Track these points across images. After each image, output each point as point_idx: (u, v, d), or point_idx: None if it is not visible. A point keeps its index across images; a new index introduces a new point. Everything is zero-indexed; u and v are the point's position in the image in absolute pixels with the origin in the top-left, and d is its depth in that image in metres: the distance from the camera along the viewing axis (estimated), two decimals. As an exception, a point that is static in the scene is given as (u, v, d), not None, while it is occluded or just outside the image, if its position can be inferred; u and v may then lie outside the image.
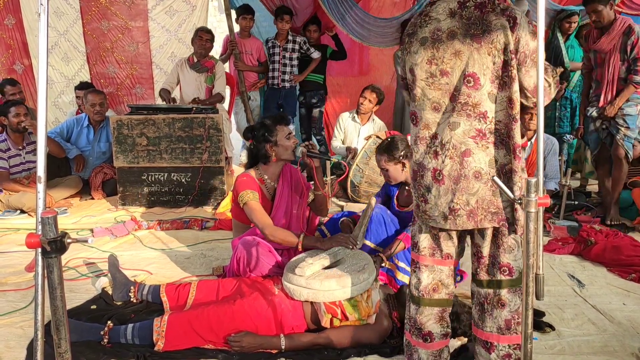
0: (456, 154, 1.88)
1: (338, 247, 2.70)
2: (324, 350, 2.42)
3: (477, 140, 1.86)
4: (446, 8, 1.88)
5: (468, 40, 1.82)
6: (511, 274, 1.95)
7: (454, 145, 1.88)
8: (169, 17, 6.06)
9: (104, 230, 4.05)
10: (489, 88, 1.83)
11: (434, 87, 1.90)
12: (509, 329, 1.96)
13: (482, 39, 1.80)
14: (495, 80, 1.83)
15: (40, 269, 1.37)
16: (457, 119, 1.87)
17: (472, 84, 1.84)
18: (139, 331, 2.44)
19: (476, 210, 1.89)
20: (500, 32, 1.78)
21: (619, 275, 3.31)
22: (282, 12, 5.74)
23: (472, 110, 1.85)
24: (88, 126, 5.29)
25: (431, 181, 1.93)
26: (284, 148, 3.02)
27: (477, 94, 1.84)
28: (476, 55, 1.81)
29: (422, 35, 1.91)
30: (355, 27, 5.88)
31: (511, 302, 1.96)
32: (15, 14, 6.06)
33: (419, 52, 1.91)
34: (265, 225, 2.83)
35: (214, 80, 5.44)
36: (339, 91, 6.67)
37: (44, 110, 1.39)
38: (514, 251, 1.94)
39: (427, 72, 1.90)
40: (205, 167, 4.70)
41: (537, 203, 1.50)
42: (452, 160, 1.89)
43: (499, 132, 1.86)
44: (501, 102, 1.85)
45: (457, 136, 1.87)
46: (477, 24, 1.82)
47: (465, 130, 1.86)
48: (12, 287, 3.14)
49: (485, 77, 1.82)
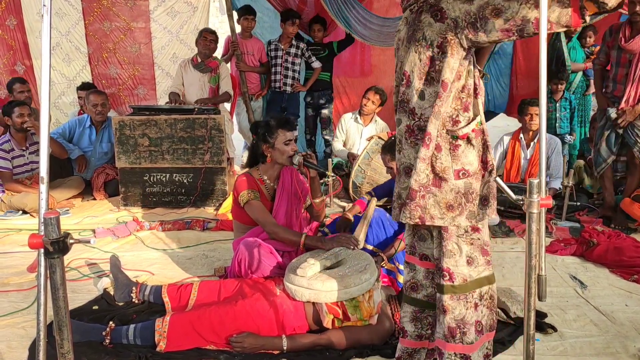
0: (399, 149, 1.98)
1: (339, 248, 2.70)
2: (326, 351, 2.41)
3: (407, 137, 1.93)
4: (404, 18, 1.97)
5: (405, 42, 1.92)
6: (452, 280, 1.90)
7: (399, 140, 1.98)
8: (171, 18, 6.07)
9: (106, 231, 4.05)
10: (417, 85, 1.87)
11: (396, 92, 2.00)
12: (454, 337, 1.92)
13: (412, 38, 1.87)
14: (422, 77, 1.86)
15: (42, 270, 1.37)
16: (399, 116, 1.97)
17: (404, 81, 1.92)
18: (141, 332, 2.44)
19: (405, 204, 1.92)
20: (426, 29, 1.82)
21: (621, 277, 3.30)
22: (293, 16, 5.72)
23: (406, 106, 1.93)
24: (90, 127, 5.29)
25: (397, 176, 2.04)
26: (280, 152, 3.01)
27: (408, 91, 1.90)
28: (409, 55, 1.88)
29: (394, 46, 2.02)
30: (357, 26, 5.87)
31: (454, 310, 1.90)
32: (17, 15, 6.07)
33: (395, 62, 2.01)
34: (268, 223, 2.84)
35: (218, 80, 5.45)
36: (341, 92, 6.67)
37: (46, 111, 1.39)
38: (455, 256, 1.90)
39: (395, 79, 2.00)
40: (207, 167, 4.70)
41: (539, 204, 1.50)
42: (399, 154, 1.99)
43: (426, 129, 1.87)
44: (429, 99, 1.86)
45: (400, 132, 1.97)
46: (411, 25, 1.89)
47: (403, 126, 1.95)
48: (14, 287, 3.15)
49: (413, 74, 1.88)
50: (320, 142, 6.50)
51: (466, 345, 1.91)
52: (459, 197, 1.87)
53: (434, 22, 1.80)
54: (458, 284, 1.90)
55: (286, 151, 3.01)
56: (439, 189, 1.86)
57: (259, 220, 2.87)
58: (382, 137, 4.77)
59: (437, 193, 1.86)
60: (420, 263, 2.06)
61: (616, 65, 4.22)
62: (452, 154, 1.87)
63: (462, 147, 1.87)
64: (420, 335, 2.08)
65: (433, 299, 2.05)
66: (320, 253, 2.68)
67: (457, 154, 1.87)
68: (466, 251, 1.90)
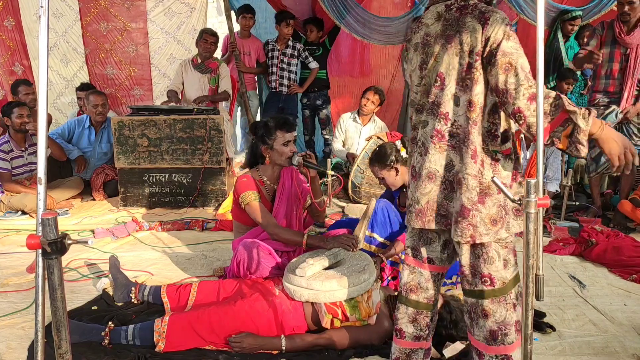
0: (423, 152, 1.92)
1: (339, 248, 2.71)
2: (325, 351, 2.42)
3: (435, 141, 1.88)
4: (434, 12, 1.90)
5: (442, 41, 1.84)
6: (493, 284, 1.90)
7: (423, 142, 1.92)
8: (168, 19, 6.07)
9: (105, 231, 4.05)
10: (452, 89, 1.83)
11: (421, 90, 1.94)
12: (495, 340, 1.92)
13: (453, 40, 1.81)
14: (459, 82, 1.82)
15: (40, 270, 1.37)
16: (427, 118, 1.91)
17: (438, 83, 1.86)
18: (140, 332, 2.44)
19: (425, 210, 1.91)
20: (470, 34, 1.78)
21: (620, 276, 3.31)
22: (288, 17, 5.75)
23: (436, 110, 1.87)
24: (89, 127, 5.30)
25: (410, 179, 2.00)
26: (278, 153, 3.01)
27: (441, 94, 1.85)
28: (445, 56, 1.83)
29: (415, 41, 1.95)
30: (356, 26, 5.88)
31: (496, 313, 1.90)
32: (15, 16, 6.07)
33: (413, 59, 1.95)
34: (270, 224, 2.84)
35: (218, 80, 5.45)
36: (340, 92, 6.68)
37: (44, 111, 1.39)
38: (495, 262, 1.88)
39: (419, 77, 1.93)
40: (206, 168, 4.70)
41: (536, 204, 1.50)
42: (420, 157, 1.93)
43: (458, 137, 1.85)
44: (463, 106, 1.83)
45: (425, 134, 1.91)
46: (453, 25, 1.83)
47: (429, 129, 1.89)
48: (13, 288, 3.15)
49: (450, 77, 1.83)
50: (319, 142, 6.51)
51: (507, 345, 1.92)
52: (500, 211, 1.85)
53: (480, 29, 1.76)
54: (498, 287, 1.90)
55: (285, 152, 3.01)
56: (484, 205, 1.84)
57: (260, 221, 2.87)
58: (381, 137, 4.77)
59: (482, 209, 1.83)
60: (428, 267, 2.04)
61: (609, 61, 4.27)
62: (492, 168, 1.85)
63: (501, 161, 1.86)
64: (418, 336, 2.08)
65: (433, 301, 2.06)
66: (320, 253, 2.69)
67: (498, 168, 1.86)
68: (502, 255, 1.90)
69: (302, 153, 3.06)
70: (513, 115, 1.73)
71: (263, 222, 2.86)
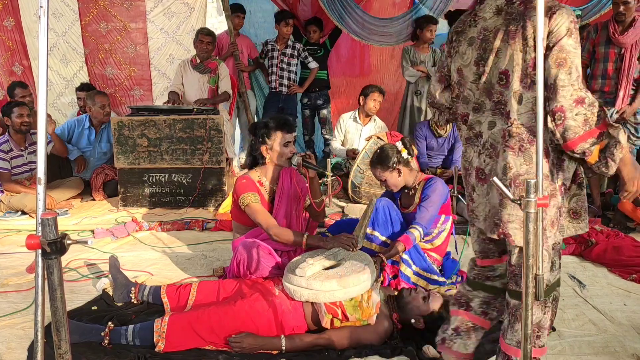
0: (494, 154, 1.84)
1: (338, 248, 2.71)
2: (325, 351, 2.42)
3: (502, 142, 1.82)
4: (493, 6, 1.83)
5: (505, 36, 1.76)
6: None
7: (492, 144, 1.84)
8: (167, 19, 6.06)
9: (105, 232, 4.05)
10: (516, 87, 1.76)
11: (480, 87, 1.86)
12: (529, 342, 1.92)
13: (517, 35, 1.73)
14: (523, 79, 1.74)
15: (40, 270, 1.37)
16: (494, 118, 1.84)
17: (503, 81, 1.79)
18: (140, 332, 2.44)
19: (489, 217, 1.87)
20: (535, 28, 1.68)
21: (620, 276, 3.31)
22: (287, 17, 5.75)
23: (503, 109, 1.80)
24: (89, 127, 5.30)
25: (475, 181, 1.93)
26: (278, 154, 3.01)
27: (507, 93, 1.78)
28: (509, 52, 1.75)
29: (471, 35, 1.88)
30: (356, 27, 5.89)
31: (534, 315, 1.86)
32: (15, 16, 6.06)
33: (467, 53, 1.88)
34: (270, 225, 2.84)
35: (217, 81, 5.46)
36: (340, 92, 6.68)
37: (44, 112, 1.39)
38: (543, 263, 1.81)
39: (475, 73, 1.87)
40: (206, 168, 4.70)
41: (536, 204, 1.50)
42: (491, 160, 1.85)
43: (519, 137, 1.77)
44: (526, 104, 1.75)
45: (494, 135, 1.84)
46: (517, 19, 1.75)
47: (499, 129, 1.82)
48: (13, 288, 3.15)
49: (514, 74, 1.75)
50: (319, 142, 6.51)
51: (538, 348, 1.90)
52: (557, 213, 1.81)
53: (546, 23, 1.69)
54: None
55: (285, 153, 3.01)
56: (548, 207, 1.79)
57: (260, 223, 2.87)
58: (381, 137, 4.77)
59: (547, 211, 1.79)
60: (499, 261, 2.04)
61: (604, 61, 4.29)
62: (559, 169, 1.81)
63: (566, 162, 1.81)
64: (485, 312, 2.07)
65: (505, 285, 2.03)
66: (320, 253, 2.68)
67: (563, 168, 1.81)
68: (551, 257, 1.87)
69: (302, 153, 3.06)
70: (553, 113, 1.67)
71: (263, 223, 2.85)
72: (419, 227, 2.91)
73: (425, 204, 2.98)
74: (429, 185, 3.05)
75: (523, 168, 1.77)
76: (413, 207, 3.09)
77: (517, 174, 1.77)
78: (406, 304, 2.55)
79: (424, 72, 5.76)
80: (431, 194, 2.99)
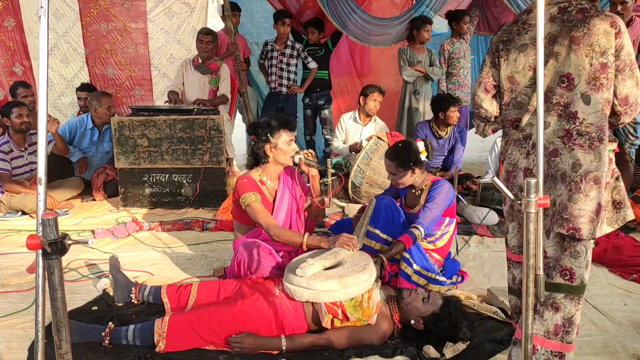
0: (545, 154, 1.92)
1: (339, 248, 2.70)
2: (325, 351, 2.42)
3: (565, 141, 1.91)
4: (546, 14, 1.93)
5: (567, 42, 1.88)
6: (572, 280, 1.93)
7: (544, 145, 1.89)
8: (168, 19, 6.06)
9: (105, 232, 4.05)
10: (583, 89, 1.87)
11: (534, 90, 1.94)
12: (557, 334, 1.95)
13: (582, 41, 1.86)
14: (591, 82, 1.86)
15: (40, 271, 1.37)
16: (548, 119, 1.93)
17: (566, 84, 1.90)
18: (140, 332, 2.45)
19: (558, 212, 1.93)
20: (602, 36, 1.83)
21: (620, 276, 3.31)
22: (284, 16, 5.76)
23: (562, 110, 1.90)
24: (92, 128, 5.30)
25: (523, 181, 1.98)
26: (282, 152, 3.02)
27: (570, 95, 1.89)
28: (573, 57, 1.87)
29: (522, 42, 1.97)
30: (355, 29, 5.89)
31: (566, 309, 1.94)
32: (15, 16, 6.06)
33: (519, 60, 1.97)
34: (271, 225, 2.84)
35: (218, 82, 5.46)
36: (340, 92, 6.69)
37: (44, 112, 1.39)
38: (580, 257, 1.92)
39: (531, 78, 1.95)
40: (206, 168, 4.70)
41: (537, 204, 1.50)
42: (556, 158, 1.94)
43: (588, 135, 1.87)
44: (595, 105, 1.86)
45: (547, 135, 1.93)
46: (578, 26, 1.87)
47: (554, 130, 1.92)
48: (13, 288, 3.15)
49: (580, 77, 1.87)
50: (320, 142, 6.52)
51: (565, 344, 1.95)
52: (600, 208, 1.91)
53: (612, 33, 1.83)
54: (576, 284, 1.94)
55: (288, 151, 3.02)
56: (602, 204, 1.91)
57: (261, 223, 2.87)
58: (382, 137, 4.77)
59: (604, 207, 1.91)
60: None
61: None
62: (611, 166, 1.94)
63: (613, 160, 1.95)
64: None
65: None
66: (320, 253, 2.68)
67: (611, 166, 1.93)
68: (588, 254, 1.94)
69: (304, 151, 3.06)
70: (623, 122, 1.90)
71: (263, 223, 2.85)
72: (420, 227, 2.91)
73: (430, 205, 2.98)
74: (436, 187, 3.05)
75: (593, 165, 1.88)
76: (418, 207, 3.09)
77: (588, 171, 1.88)
78: (406, 304, 2.55)
79: (422, 72, 5.76)
80: (437, 196, 2.99)
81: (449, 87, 5.86)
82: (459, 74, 5.92)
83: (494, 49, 2.08)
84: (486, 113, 2.15)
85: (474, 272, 3.36)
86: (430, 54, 5.86)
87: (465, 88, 6.00)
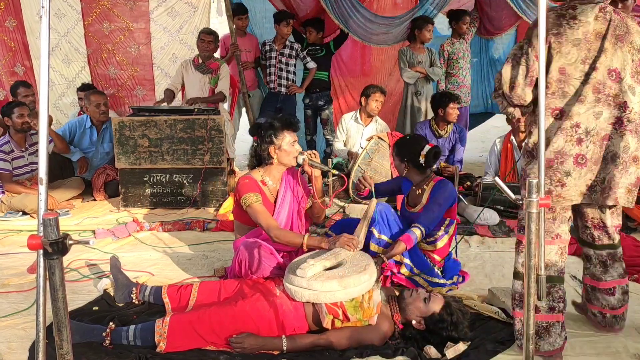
0: (598, 139, 2.20)
1: (339, 248, 2.70)
2: (326, 352, 2.42)
3: (616, 127, 2.19)
4: (592, 13, 2.16)
5: (613, 40, 2.15)
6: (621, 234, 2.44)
7: (597, 132, 2.19)
8: (171, 19, 6.06)
9: (106, 232, 4.05)
10: (629, 81, 2.17)
11: (585, 83, 2.16)
12: (626, 272, 2.53)
13: (624, 39, 2.15)
14: (634, 75, 2.17)
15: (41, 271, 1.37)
16: (601, 109, 2.18)
17: (614, 77, 2.16)
18: (141, 332, 2.45)
19: (607, 188, 2.22)
20: (636, 35, 2.17)
21: (621, 276, 3.29)
22: (286, 17, 5.75)
23: (612, 100, 2.18)
24: (91, 127, 5.30)
25: (572, 166, 2.21)
26: (286, 153, 3.01)
27: (618, 87, 2.17)
28: (619, 53, 2.15)
29: (575, 36, 2.16)
30: (357, 28, 5.88)
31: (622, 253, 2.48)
32: (17, 16, 6.06)
33: (572, 52, 2.17)
34: (271, 227, 2.83)
35: (217, 81, 5.46)
36: (342, 92, 6.67)
37: (45, 112, 1.39)
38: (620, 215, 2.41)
39: (582, 71, 2.17)
40: (207, 168, 4.70)
41: (538, 204, 1.50)
42: (594, 145, 2.20)
43: (635, 122, 2.18)
44: (639, 94, 2.17)
45: (601, 123, 2.19)
46: (620, 26, 2.16)
47: (606, 117, 2.19)
48: (14, 288, 3.15)
49: (625, 71, 2.16)
50: (320, 143, 6.51)
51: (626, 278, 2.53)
52: None
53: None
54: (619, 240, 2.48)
55: (292, 152, 3.02)
56: None
57: (261, 224, 2.87)
58: (382, 137, 4.77)
59: None
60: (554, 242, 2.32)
61: None
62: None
63: None
64: (552, 307, 2.33)
65: (563, 273, 2.38)
66: (320, 253, 2.68)
67: None
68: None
69: (308, 152, 3.06)
70: None
71: (264, 224, 2.85)
72: (420, 227, 2.90)
73: (431, 205, 2.98)
74: (438, 187, 3.05)
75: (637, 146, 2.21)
76: (420, 207, 3.08)
77: (632, 152, 2.20)
78: (407, 304, 2.55)
79: (422, 73, 5.76)
80: (438, 197, 2.99)
81: (448, 88, 5.86)
82: (458, 74, 5.91)
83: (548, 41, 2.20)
84: (525, 102, 2.27)
85: (475, 272, 3.35)
86: (430, 54, 5.85)
87: (465, 89, 5.99)
